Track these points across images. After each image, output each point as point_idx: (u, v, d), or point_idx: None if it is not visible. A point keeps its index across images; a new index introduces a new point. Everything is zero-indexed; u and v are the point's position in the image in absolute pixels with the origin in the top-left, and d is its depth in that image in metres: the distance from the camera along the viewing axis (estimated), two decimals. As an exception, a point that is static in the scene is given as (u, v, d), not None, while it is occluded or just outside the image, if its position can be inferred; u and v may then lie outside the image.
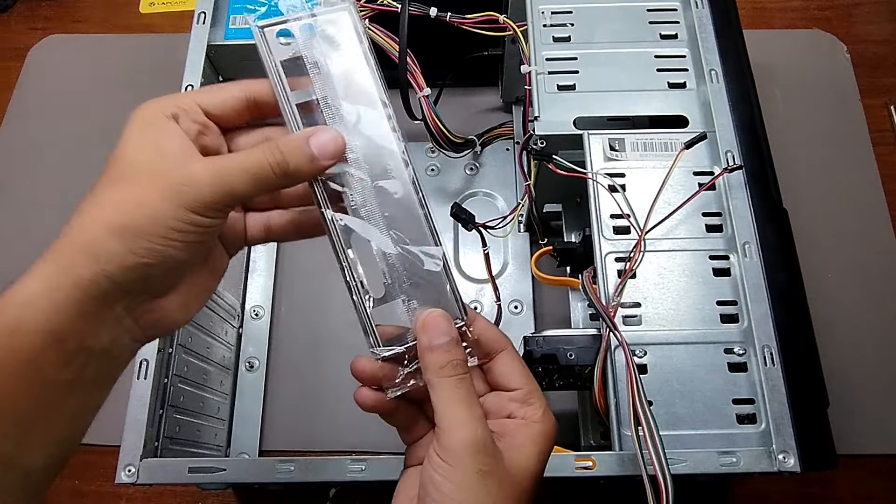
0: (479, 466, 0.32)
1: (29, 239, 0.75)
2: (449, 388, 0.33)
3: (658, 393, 0.45)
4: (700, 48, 0.56)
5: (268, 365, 0.69)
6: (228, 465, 0.45)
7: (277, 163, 0.32)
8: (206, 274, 0.35)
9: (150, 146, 0.31)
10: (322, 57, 0.35)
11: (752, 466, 0.43)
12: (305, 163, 0.32)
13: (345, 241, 0.35)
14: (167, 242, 0.30)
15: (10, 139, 0.82)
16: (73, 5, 0.92)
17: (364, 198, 0.35)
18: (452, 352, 0.34)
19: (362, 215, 0.35)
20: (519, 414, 0.35)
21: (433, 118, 0.62)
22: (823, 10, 0.89)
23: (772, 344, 0.46)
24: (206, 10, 0.59)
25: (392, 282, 0.35)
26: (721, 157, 0.52)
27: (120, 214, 0.30)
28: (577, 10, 0.59)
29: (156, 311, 0.33)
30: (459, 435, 0.32)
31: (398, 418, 0.37)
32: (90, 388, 0.31)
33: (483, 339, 0.36)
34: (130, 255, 0.29)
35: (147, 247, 0.30)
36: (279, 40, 0.35)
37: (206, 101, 0.33)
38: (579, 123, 0.54)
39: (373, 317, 0.35)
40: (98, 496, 0.64)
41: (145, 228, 0.30)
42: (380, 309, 0.35)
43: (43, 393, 0.29)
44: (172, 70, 0.57)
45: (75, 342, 0.30)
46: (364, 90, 0.35)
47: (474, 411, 0.33)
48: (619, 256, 0.49)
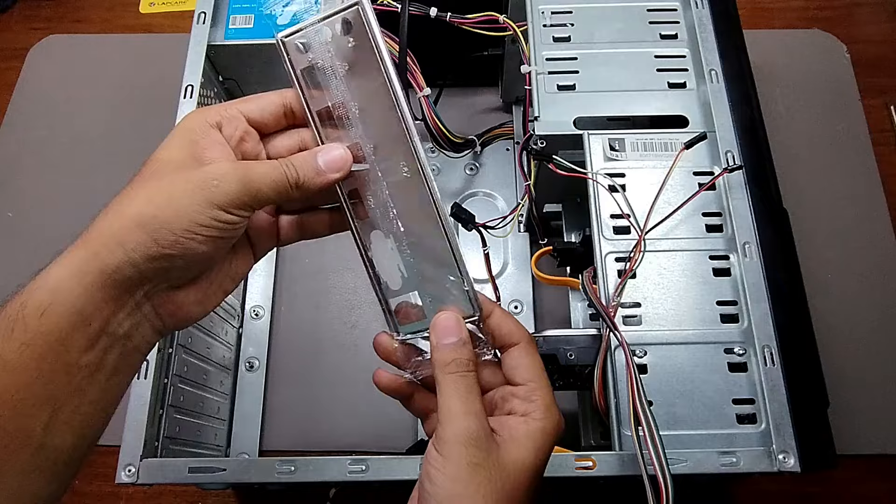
0: (470, 459, 0.33)
1: (29, 238, 0.75)
2: (450, 383, 0.35)
3: (658, 393, 0.45)
4: (700, 48, 0.56)
5: (268, 365, 0.69)
6: (228, 465, 0.45)
7: (291, 175, 0.35)
8: (227, 274, 0.37)
9: (187, 149, 0.34)
10: (339, 60, 0.36)
11: (752, 466, 0.43)
12: (313, 176, 0.35)
13: (364, 237, 0.38)
14: (191, 236, 0.32)
15: (10, 139, 0.82)
16: (73, 5, 0.92)
17: (380, 197, 0.37)
18: (458, 351, 0.35)
19: (380, 213, 0.37)
20: (520, 410, 0.36)
21: (433, 118, 0.62)
22: (823, 10, 0.89)
23: (772, 344, 0.46)
24: (206, 10, 0.59)
25: (409, 276, 0.38)
26: (721, 157, 0.52)
27: (149, 206, 0.32)
28: (577, 10, 0.59)
29: (174, 303, 0.35)
30: (453, 428, 0.33)
31: (415, 406, 0.40)
32: (111, 375, 0.33)
33: (497, 333, 0.38)
34: (155, 245, 0.31)
35: (172, 239, 0.32)
36: (299, 49, 0.36)
37: (248, 109, 0.36)
38: (579, 123, 0.54)
39: (392, 306, 0.38)
40: (98, 496, 0.64)
41: (172, 221, 0.32)
42: (397, 300, 0.38)
43: (70, 375, 0.31)
44: (172, 70, 0.57)
45: (99, 325, 0.31)
46: (379, 90, 0.36)
47: (471, 406, 0.34)
48: (619, 256, 0.49)
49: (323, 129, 0.37)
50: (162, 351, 0.51)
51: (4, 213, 0.78)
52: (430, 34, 0.59)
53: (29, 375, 0.30)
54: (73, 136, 0.82)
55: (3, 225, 0.77)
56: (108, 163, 0.77)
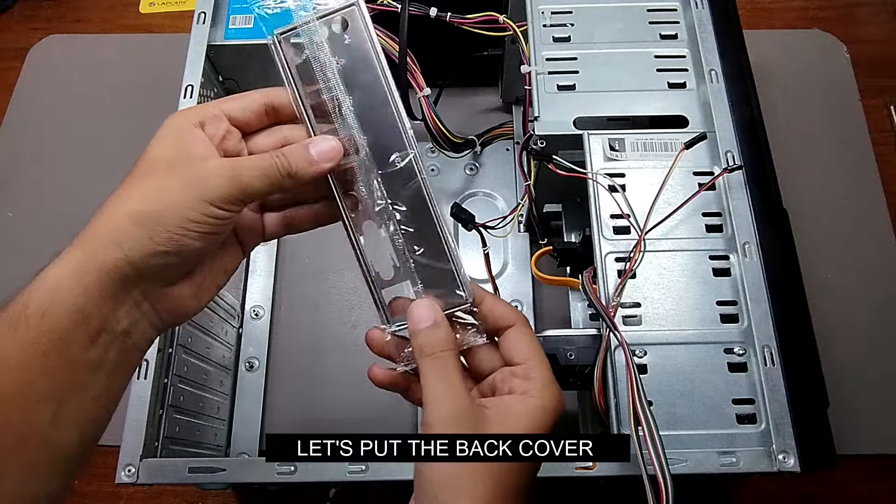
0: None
1: (29, 238, 0.75)
2: (429, 365, 0.36)
3: (658, 393, 0.45)
4: (700, 48, 0.56)
5: (268, 365, 0.69)
6: (228, 465, 0.45)
7: (283, 165, 0.36)
8: (219, 268, 0.38)
9: (175, 147, 0.35)
10: (333, 57, 0.38)
11: (752, 466, 0.43)
12: (305, 166, 0.36)
13: (357, 229, 0.39)
14: (184, 232, 0.33)
15: (10, 139, 0.82)
16: (73, 5, 0.92)
17: (373, 188, 0.38)
18: (432, 334, 0.36)
19: (371, 205, 0.38)
20: (520, 388, 0.36)
21: (433, 118, 0.62)
22: (823, 10, 0.89)
23: (772, 344, 0.46)
24: (206, 10, 0.59)
25: (400, 266, 0.39)
26: (721, 157, 0.52)
27: (143, 203, 0.33)
28: (577, 10, 0.59)
29: (171, 299, 0.36)
30: (436, 410, 0.34)
31: (414, 396, 0.40)
32: (112, 372, 0.34)
33: (491, 317, 0.38)
34: (151, 242, 0.32)
35: (166, 236, 0.33)
36: (293, 46, 0.38)
37: (230, 108, 0.37)
38: (579, 123, 0.54)
39: (383, 297, 0.39)
40: (98, 496, 0.64)
41: (165, 217, 0.33)
42: (389, 290, 0.39)
43: (72, 371, 0.32)
44: (172, 70, 0.57)
45: (98, 322, 0.32)
46: (374, 84, 0.38)
47: (452, 387, 0.35)
48: (619, 256, 0.49)
49: (317, 125, 0.38)
50: (162, 351, 0.51)
51: (4, 213, 0.78)
52: (430, 34, 0.59)
53: (33, 372, 0.31)
54: (73, 135, 0.82)
55: (3, 225, 0.77)
56: (108, 162, 0.77)
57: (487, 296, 0.39)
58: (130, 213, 0.33)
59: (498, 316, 0.38)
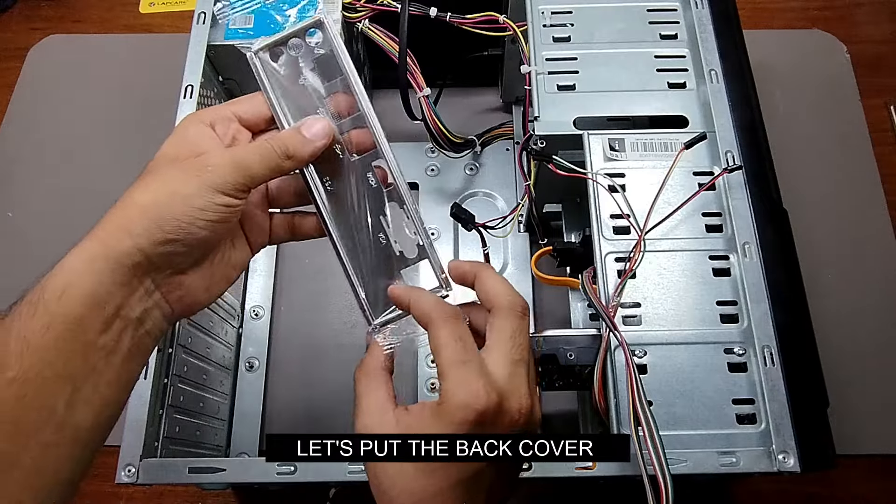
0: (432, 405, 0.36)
1: (29, 238, 0.75)
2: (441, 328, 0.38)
3: (658, 393, 0.45)
4: (700, 48, 0.56)
5: (268, 365, 0.69)
6: (228, 465, 0.45)
7: (280, 147, 0.38)
8: (228, 263, 0.40)
9: (185, 145, 0.38)
10: (307, 68, 0.41)
11: (752, 466, 0.43)
12: (300, 144, 0.39)
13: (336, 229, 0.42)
14: (192, 220, 0.35)
15: (10, 139, 0.82)
16: (73, 5, 0.92)
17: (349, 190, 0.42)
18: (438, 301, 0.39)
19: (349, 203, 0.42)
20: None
21: (433, 118, 0.62)
22: (823, 10, 0.89)
23: (772, 344, 0.46)
24: (206, 10, 0.59)
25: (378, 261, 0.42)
26: (721, 157, 0.52)
27: (151, 195, 0.35)
28: (577, 10, 0.59)
29: (181, 289, 0.38)
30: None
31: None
32: (126, 359, 0.35)
33: (454, 274, 0.42)
34: (160, 230, 0.34)
35: (175, 224, 0.35)
36: (270, 60, 0.41)
37: (239, 109, 0.40)
38: (579, 123, 0.54)
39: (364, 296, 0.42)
40: (98, 496, 0.64)
41: (173, 207, 0.35)
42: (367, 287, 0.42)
43: (87, 355, 0.33)
44: (172, 70, 0.57)
45: (112, 308, 0.34)
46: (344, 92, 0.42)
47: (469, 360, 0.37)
48: (619, 256, 0.49)
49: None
50: (162, 351, 0.51)
51: (4, 213, 0.78)
52: (430, 34, 0.59)
53: (50, 354, 0.32)
54: (73, 136, 0.81)
55: (3, 225, 0.77)
56: (108, 163, 0.78)
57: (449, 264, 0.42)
58: (140, 203, 0.35)
59: (459, 274, 0.41)
